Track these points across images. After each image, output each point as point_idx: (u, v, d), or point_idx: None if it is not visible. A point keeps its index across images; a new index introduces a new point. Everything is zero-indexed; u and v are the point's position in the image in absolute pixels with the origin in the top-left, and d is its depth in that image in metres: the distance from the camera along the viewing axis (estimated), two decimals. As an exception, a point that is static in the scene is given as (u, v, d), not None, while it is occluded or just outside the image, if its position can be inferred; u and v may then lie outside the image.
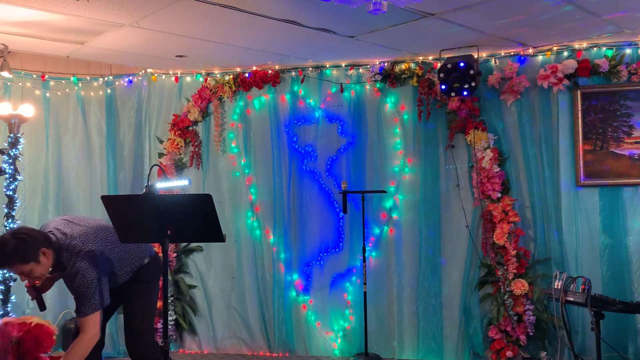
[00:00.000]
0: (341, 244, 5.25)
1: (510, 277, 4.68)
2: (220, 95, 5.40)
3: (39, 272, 3.02)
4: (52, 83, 5.27)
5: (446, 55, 4.65)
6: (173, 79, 5.53)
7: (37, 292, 3.24)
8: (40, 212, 5.15)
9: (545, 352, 4.64)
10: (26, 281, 3.17)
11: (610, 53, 4.60)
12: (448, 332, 4.97)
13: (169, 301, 5.17)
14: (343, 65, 5.22)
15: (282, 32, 4.18)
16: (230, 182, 5.45)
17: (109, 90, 5.46)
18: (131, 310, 3.40)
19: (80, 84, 5.40)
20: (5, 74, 4.59)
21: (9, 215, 4.47)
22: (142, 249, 3.41)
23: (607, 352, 4.10)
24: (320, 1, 3.41)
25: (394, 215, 5.14)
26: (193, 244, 5.44)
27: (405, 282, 5.07)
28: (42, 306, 3.26)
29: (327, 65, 5.24)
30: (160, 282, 3.57)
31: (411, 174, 5.11)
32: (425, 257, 5.03)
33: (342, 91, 5.21)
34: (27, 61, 5.09)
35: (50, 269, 3.12)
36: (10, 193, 4.48)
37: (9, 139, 4.49)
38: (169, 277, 5.18)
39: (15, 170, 4.51)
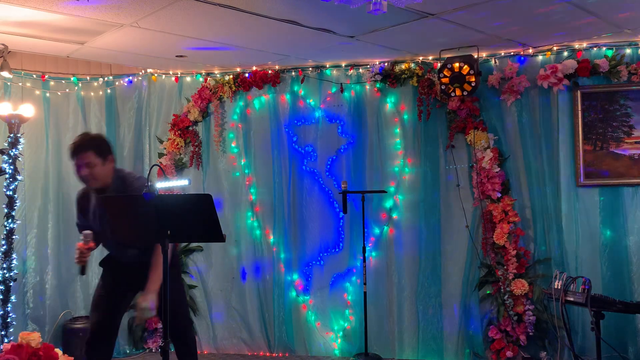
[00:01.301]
0: (341, 244, 5.25)
1: (510, 277, 4.68)
2: (220, 95, 5.40)
3: (99, 172, 3.30)
4: (52, 83, 5.27)
5: (446, 55, 4.65)
6: (173, 79, 5.53)
7: (84, 257, 3.27)
8: (40, 212, 5.15)
9: (545, 352, 4.64)
10: (81, 242, 3.22)
11: (610, 53, 4.60)
12: (448, 332, 4.96)
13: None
14: (343, 65, 5.22)
15: (282, 32, 4.18)
16: (230, 182, 5.45)
17: (109, 90, 5.46)
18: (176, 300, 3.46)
19: (80, 84, 5.39)
20: (5, 74, 4.58)
21: (9, 215, 4.47)
22: None
23: (607, 352, 4.10)
24: (320, 1, 3.41)
25: (394, 215, 5.14)
26: (193, 244, 5.44)
27: (405, 282, 5.07)
28: (83, 270, 3.31)
29: (327, 65, 5.24)
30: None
31: (411, 174, 5.11)
32: (425, 257, 5.03)
33: (342, 91, 5.21)
34: (27, 61, 5.08)
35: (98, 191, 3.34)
36: (10, 193, 4.47)
37: (9, 139, 4.48)
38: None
39: (15, 170, 4.50)
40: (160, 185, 4.88)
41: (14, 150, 4.47)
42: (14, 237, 4.50)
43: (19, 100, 4.86)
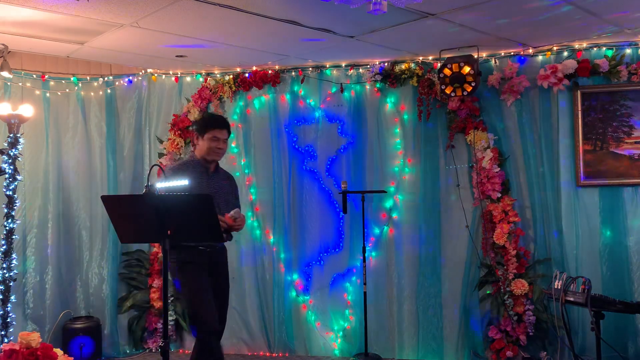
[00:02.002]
0: (341, 244, 5.24)
1: (510, 277, 4.68)
2: (220, 95, 5.40)
3: (226, 149, 3.84)
4: (52, 83, 5.27)
5: (446, 55, 4.65)
6: (173, 79, 5.53)
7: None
8: (40, 212, 5.15)
9: (545, 352, 4.64)
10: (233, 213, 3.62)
11: (610, 53, 4.60)
12: (448, 332, 4.97)
13: (169, 301, 5.16)
14: (343, 65, 5.22)
15: (282, 32, 4.18)
16: (230, 182, 5.44)
17: (109, 90, 5.46)
18: (227, 292, 3.92)
19: (80, 84, 5.39)
20: (5, 74, 4.58)
21: (8, 215, 4.47)
22: None
23: (607, 352, 4.09)
24: (320, 1, 3.41)
25: (394, 215, 5.14)
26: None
27: (405, 282, 5.07)
28: (230, 237, 3.78)
29: (327, 65, 5.24)
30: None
31: (411, 174, 5.11)
32: (425, 257, 5.03)
33: (342, 91, 5.21)
34: (27, 61, 5.08)
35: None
36: (10, 193, 4.47)
37: (9, 139, 4.48)
38: (169, 277, 5.17)
39: (15, 170, 4.50)
40: (160, 185, 4.87)
41: (13, 150, 4.47)
42: (13, 237, 4.50)
43: (19, 100, 4.86)
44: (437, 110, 5.02)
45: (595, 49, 4.65)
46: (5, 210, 4.47)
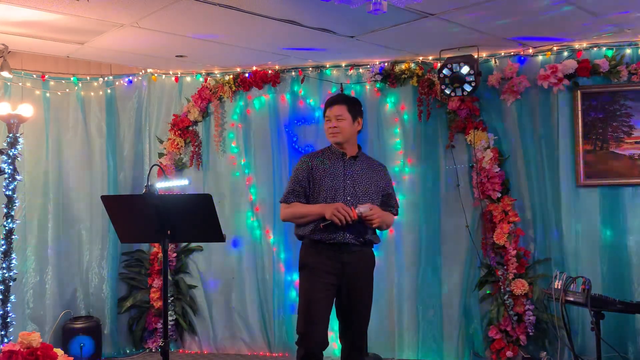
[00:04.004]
0: (341, 244, 5.23)
1: (510, 277, 4.68)
2: (220, 95, 5.40)
3: (345, 128, 3.43)
4: (52, 83, 5.27)
5: (446, 55, 4.65)
6: (173, 79, 5.53)
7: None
8: (40, 212, 5.15)
9: (545, 352, 4.64)
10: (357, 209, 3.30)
11: (610, 53, 4.60)
12: (448, 332, 4.96)
13: (169, 301, 5.17)
14: (343, 65, 5.22)
15: (282, 32, 4.18)
16: (230, 182, 5.44)
17: (109, 90, 5.46)
18: (365, 305, 3.49)
19: (80, 84, 5.39)
20: (5, 74, 4.58)
21: (8, 215, 4.47)
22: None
23: (607, 352, 4.10)
24: (320, 1, 3.42)
25: (394, 215, 5.14)
26: (193, 244, 5.44)
27: (405, 282, 5.07)
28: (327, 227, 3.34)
29: (327, 65, 5.24)
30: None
31: (411, 174, 5.11)
32: (425, 257, 5.03)
33: (342, 91, 5.21)
34: (27, 61, 5.08)
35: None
36: (10, 193, 4.47)
37: (8, 139, 4.48)
38: (169, 277, 5.18)
39: (15, 170, 4.50)
40: (160, 185, 4.88)
41: (13, 150, 4.47)
42: (13, 237, 4.50)
43: (19, 100, 4.85)
44: (437, 110, 5.02)
45: (595, 49, 4.65)
46: (5, 210, 4.47)
